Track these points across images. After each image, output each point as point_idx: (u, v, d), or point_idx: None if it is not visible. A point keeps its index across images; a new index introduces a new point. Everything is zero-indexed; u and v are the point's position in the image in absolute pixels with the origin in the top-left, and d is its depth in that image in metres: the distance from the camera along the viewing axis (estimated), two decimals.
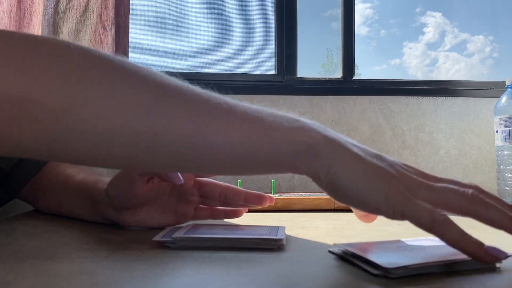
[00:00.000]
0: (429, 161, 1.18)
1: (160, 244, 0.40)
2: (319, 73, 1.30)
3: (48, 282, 0.29)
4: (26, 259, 0.35)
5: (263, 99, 1.15)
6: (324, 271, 0.33)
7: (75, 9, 0.98)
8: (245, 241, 0.40)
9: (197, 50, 1.22)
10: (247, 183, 1.03)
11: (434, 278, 0.30)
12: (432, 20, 1.51)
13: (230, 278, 0.30)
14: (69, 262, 0.35)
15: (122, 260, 0.36)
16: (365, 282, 0.30)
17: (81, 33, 0.99)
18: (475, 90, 1.21)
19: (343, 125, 1.17)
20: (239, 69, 1.21)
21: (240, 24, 1.22)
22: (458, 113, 1.20)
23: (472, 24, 1.50)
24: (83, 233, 0.48)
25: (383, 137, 1.17)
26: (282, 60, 1.19)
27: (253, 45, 1.23)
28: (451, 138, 1.20)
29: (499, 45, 1.46)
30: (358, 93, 1.18)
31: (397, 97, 1.19)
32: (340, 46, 1.23)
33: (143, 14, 1.19)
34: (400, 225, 0.55)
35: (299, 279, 0.30)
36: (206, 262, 0.34)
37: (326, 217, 0.63)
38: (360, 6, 1.33)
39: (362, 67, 1.33)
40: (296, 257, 0.37)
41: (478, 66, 1.49)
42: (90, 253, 0.38)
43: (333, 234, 0.48)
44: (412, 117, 1.19)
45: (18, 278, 0.30)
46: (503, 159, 0.94)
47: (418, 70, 1.61)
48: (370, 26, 1.54)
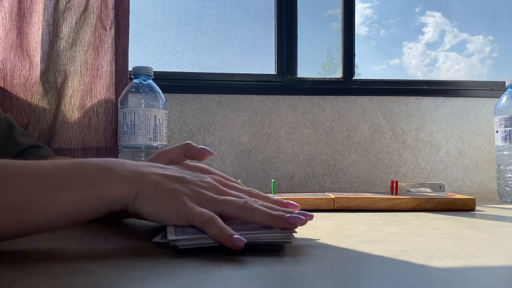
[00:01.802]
0: (429, 161, 1.18)
1: (160, 245, 0.40)
2: (319, 73, 1.30)
3: (48, 282, 0.29)
4: (26, 259, 0.35)
5: (263, 99, 1.15)
6: (324, 271, 0.33)
7: (74, 8, 0.98)
8: (254, 237, 0.38)
9: (197, 50, 1.22)
10: (247, 183, 1.03)
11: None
12: (432, 20, 1.51)
13: (230, 278, 0.30)
14: (69, 262, 0.35)
15: (122, 260, 0.36)
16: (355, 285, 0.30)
17: (80, 33, 0.99)
18: (475, 90, 1.22)
19: (343, 125, 1.17)
20: (239, 69, 1.21)
21: (240, 24, 1.22)
22: (458, 113, 1.20)
23: (472, 24, 1.49)
24: (83, 233, 0.48)
25: (383, 137, 1.17)
26: (282, 60, 1.19)
27: (253, 45, 1.23)
28: (451, 138, 1.20)
29: (499, 45, 1.46)
30: (358, 93, 1.18)
31: (397, 97, 1.19)
32: (340, 46, 1.23)
33: (143, 14, 1.19)
34: (400, 225, 0.55)
35: (299, 279, 0.30)
36: (206, 262, 0.34)
37: (326, 217, 0.63)
38: (360, 6, 1.33)
39: (362, 67, 1.33)
40: (296, 257, 0.37)
41: (478, 66, 1.49)
42: (90, 253, 0.38)
43: (333, 234, 0.48)
44: (412, 117, 1.19)
45: (18, 278, 0.30)
46: (503, 159, 0.94)
47: (418, 70, 1.61)
48: (370, 26, 1.54)
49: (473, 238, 0.46)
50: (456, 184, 1.19)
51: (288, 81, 1.19)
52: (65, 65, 0.98)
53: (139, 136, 0.88)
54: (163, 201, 0.40)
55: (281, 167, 1.14)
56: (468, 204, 0.74)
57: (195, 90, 1.13)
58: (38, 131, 0.97)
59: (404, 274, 0.32)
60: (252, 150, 1.14)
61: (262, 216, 0.41)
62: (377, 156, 1.17)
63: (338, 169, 1.16)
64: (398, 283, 0.29)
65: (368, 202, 0.73)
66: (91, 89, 0.99)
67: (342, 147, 1.16)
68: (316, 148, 1.16)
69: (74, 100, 0.98)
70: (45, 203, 0.36)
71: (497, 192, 0.97)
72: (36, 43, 0.97)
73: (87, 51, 0.99)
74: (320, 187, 1.15)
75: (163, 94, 0.93)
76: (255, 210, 0.41)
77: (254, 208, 0.41)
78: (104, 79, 0.99)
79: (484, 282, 0.30)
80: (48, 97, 0.98)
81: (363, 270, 0.33)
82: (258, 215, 0.41)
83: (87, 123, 0.98)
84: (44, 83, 0.97)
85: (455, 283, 0.30)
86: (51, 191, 0.36)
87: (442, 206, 0.73)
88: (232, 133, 1.14)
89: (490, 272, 0.33)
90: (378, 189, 1.16)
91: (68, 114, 0.98)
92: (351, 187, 1.16)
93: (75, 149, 0.97)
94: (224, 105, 1.14)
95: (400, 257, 0.37)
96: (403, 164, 1.18)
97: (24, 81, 0.96)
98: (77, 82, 0.98)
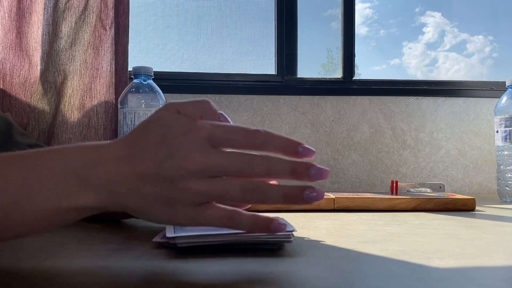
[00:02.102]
0: (429, 161, 1.18)
1: (160, 245, 0.40)
2: (319, 73, 1.30)
3: (48, 282, 0.29)
4: (26, 259, 0.35)
5: (263, 99, 1.15)
6: (324, 271, 0.33)
7: (74, 8, 0.98)
8: (253, 237, 0.38)
9: (197, 50, 1.22)
10: None
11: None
12: (432, 20, 1.51)
13: (230, 278, 0.30)
14: (69, 262, 0.35)
15: (122, 260, 0.36)
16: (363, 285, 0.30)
17: (80, 32, 0.98)
18: (475, 90, 1.21)
19: (343, 125, 1.17)
20: (239, 69, 1.21)
21: (240, 24, 1.22)
22: (458, 113, 1.20)
23: (472, 24, 1.49)
24: (83, 233, 0.48)
25: (383, 137, 1.17)
26: (282, 60, 1.19)
27: (253, 45, 1.23)
28: (451, 138, 1.20)
29: (499, 45, 1.46)
30: (358, 93, 1.18)
31: (397, 97, 1.19)
32: (340, 46, 1.23)
33: (143, 14, 1.19)
34: (400, 225, 0.55)
35: (299, 279, 0.30)
36: (206, 262, 0.34)
37: (326, 217, 0.63)
38: (360, 6, 1.33)
39: (361, 67, 1.33)
40: (296, 257, 0.37)
41: (478, 66, 1.49)
42: (90, 253, 0.38)
43: (333, 234, 0.48)
44: (412, 117, 1.19)
45: (18, 278, 0.30)
46: (503, 159, 0.94)
47: (418, 70, 1.61)
48: (370, 26, 1.54)
49: (473, 238, 0.46)
50: (456, 184, 1.19)
51: (288, 81, 1.19)
52: (65, 64, 0.98)
53: None
54: (154, 211, 0.34)
55: None
56: (468, 204, 0.74)
57: (195, 90, 1.13)
58: (37, 131, 0.96)
59: (404, 274, 0.32)
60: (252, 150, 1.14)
61: (276, 199, 0.35)
62: (377, 156, 1.17)
63: (338, 169, 1.16)
64: (398, 283, 0.29)
65: (368, 202, 0.73)
66: (91, 89, 0.99)
67: (342, 147, 1.16)
68: (316, 148, 1.16)
69: (73, 100, 0.98)
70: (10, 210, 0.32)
71: (497, 192, 0.97)
72: (36, 42, 0.97)
73: (87, 50, 0.99)
74: (320, 187, 1.15)
75: (163, 94, 0.93)
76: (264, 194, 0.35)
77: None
78: (104, 79, 0.99)
79: (484, 282, 0.30)
80: (48, 97, 0.98)
81: (363, 270, 0.33)
82: (271, 197, 0.35)
83: (87, 123, 0.98)
84: (44, 83, 0.97)
85: (455, 283, 0.30)
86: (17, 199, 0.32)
87: (442, 206, 0.73)
88: None
89: (490, 272, 0.33)
90: (378, 189, 1.16)
91: (67, 114, 0.98)
92: (351, 187, 1.16)
93: None
94: (224, 105, 1.14)
95: (400, 257, 0.37)
96: (403, 164, 1.18)
97: (24, 81, 0.96)
98: (76, 82, 0.98)
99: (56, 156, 0.34)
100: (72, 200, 0.33)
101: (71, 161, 0.34)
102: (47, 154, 0.35)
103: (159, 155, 0.33)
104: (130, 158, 0.34)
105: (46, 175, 0.33)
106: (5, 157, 0.34)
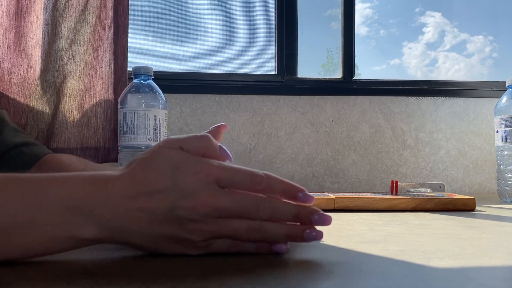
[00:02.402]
0: (429, 161, 1.18)
1: None
2: (319, 73, 1.30)
3: (48, 282, 0.29)
4: (26, 259, 0.35)
5: (263, 99, 1.15)
6: (324, 272, 0.33)
7: (74, 8, 0.98)
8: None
9: (197, 50, 1.22)
10: None
11: None
12: (432, 20, 1.51)
13: (230, 279, 0.30)
14: (69, 262, 0.35)
15: (122, 261, 0.36)
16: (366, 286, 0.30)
17: (80, 32, 0.98)
18: (475, 90, 1.21)
19: (343, 125, 1.17)
20: (239, 69, 1.21)
21: (240, 24, 1.22)
22: (458, 113, 1.20)
23: (472, 24, 1.50)
24: None
25: (383, 137, 1.17)
26: (282, 60, 1.19)
27: (253, 45, 1.23)
28: (451, 138, 1.20)
29: (499, 45, 1.46)
30: (358, 93, 1.18)
31: (397, 97, 1.19)
32: (340, 46, 1.23)
33: (142, 14, 1.18)
34: (400, 225, 0.55)
35: (299, 279, 0.30)
36: (206, 263, 0.34)
37: None
38: (360, 6, 1.33)
39: (361, 67, 1.33)
40: (296, 258, 0.37)
41: (478, 66, 1.49)
42: (90, 253, 0.38)
43: (333, 234, 0.48)
44: (412, 117, 1.19)
45: (18, 278, 0.30)
46: (503, 160, 0.94)
47: (418, 70, 1.61)
48: (370, 26, 1.54)
49: (473, 238, 0.46)
50: (456, 184, 1.19)
51: (288, 81, 1.19)
52: (64, 64, 0.98)
53: (139, 136, 0.88)
54: (161, 248, 0.36)
55: (281, 167, 1.14)
56: (468, 204, 0.73)
57: (195, 90, 1.13)
58: (36, 131, 0.96)
59: (404, 274, 0.32)
60: (252, 150, 1.14)
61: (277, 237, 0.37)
62: (377, 156, 1.17)
63: (338, 169, 1.16)
64: (398, 283, 0.29)
65: (368, 202, 0.73)
66: (90, 89, 0.99)
67: (342, 147, 1.16)
68: (316, 148, 1.16)
69: (73, 100, 0.98)
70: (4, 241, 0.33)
71: (497, 192, 0.97)
72: (35, 42, 0.97)
73: (86, 50, 0.99)
74: (320, 187, 1.15)
75: (163, 94, 0.93)
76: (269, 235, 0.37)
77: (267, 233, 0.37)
78: (103, 79, 0.99)
79: (484, 282, 0.30)
80: (47, 96, 0.97)
81: (363, 270, 0.33)
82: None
83: (86, 123, 0.98)
84: (43, 83, 0.97)
85: (455, 283, 0.30)
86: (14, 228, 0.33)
87: (442, 206, 0.73)
88: (232, 133, 1.13)
89: (490, 272, 0.33)
90: (378, 189, 1.16)
91: (67, 114, 0.98)
92: (351, 187, 1.16)
93: (73, 149, 0.97)
94: (224, 105, 1.14)
95: (400, 257, 0.37)
96: (403, 164, 1.18)
97: (22, 81, 0.96)
98: (76, 82, 0.98)
99: (59, 185, 0.34)
100: (73, 231, 0.33)
101: (75, 192, 0.34)
102: (51, 182, 0.35)
103: (170, 195, 0.34)
104: (139, 198, 0.34)
105: (47, 204, 0.33)
106: (10, 177, 0.34)
